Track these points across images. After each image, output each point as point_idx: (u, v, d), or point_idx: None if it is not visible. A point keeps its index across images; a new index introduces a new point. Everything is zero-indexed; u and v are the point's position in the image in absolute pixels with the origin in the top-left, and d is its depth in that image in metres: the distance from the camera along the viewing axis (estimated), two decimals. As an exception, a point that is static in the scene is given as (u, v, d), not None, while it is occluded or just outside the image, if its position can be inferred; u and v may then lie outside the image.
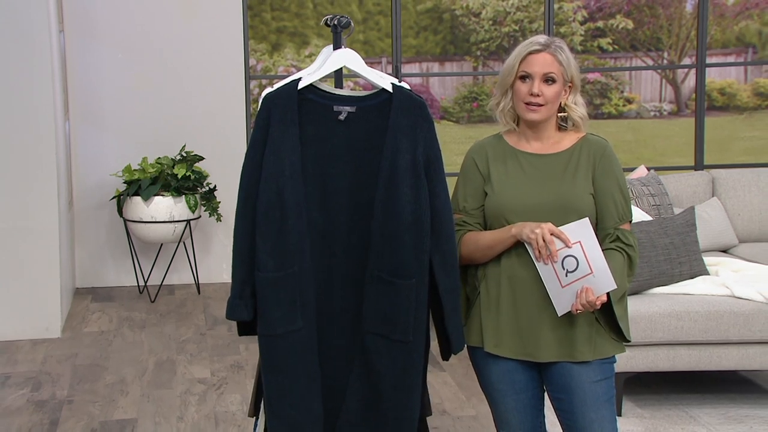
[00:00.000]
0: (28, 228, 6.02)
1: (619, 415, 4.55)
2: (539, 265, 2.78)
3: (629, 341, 2.90)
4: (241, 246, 2.80)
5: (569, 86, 2.88)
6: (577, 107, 2.90)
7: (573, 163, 2.87)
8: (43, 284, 6.06)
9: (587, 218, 2.76)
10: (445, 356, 2.92)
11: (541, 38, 2.87)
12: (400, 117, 2.78)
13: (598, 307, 2.75)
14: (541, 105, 2.84)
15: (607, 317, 2.86)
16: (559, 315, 2.80)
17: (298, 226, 2.76)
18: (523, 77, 2.85)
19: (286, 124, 2.77)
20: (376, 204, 2.76)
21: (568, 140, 2.92)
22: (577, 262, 2.74)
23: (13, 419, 4.72)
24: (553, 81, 2.84)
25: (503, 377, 2.92)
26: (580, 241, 2.74)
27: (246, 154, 2.82)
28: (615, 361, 2.93)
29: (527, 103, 2.85)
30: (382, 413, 2.81)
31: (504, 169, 2.91)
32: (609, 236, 2.86)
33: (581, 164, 2.87)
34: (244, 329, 2.90)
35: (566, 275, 2.76)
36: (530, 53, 2.84)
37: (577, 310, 2.74)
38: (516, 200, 2.86)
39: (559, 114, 2.90)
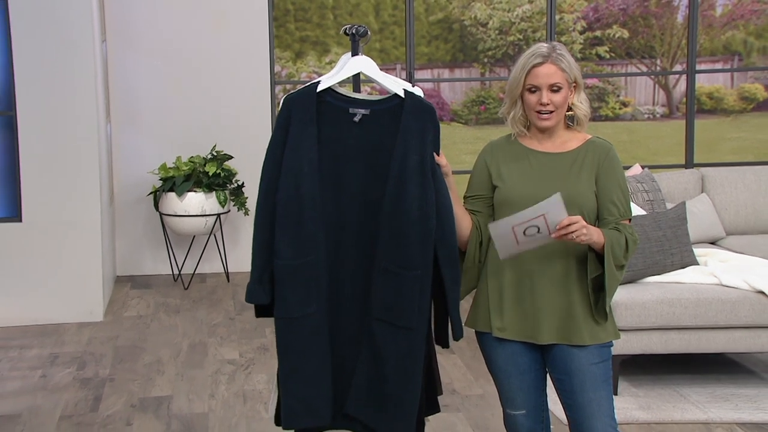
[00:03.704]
0: (73, 221, 6.04)
1: (616, 394, 4.53)
2: (493, 227, 2.72)
3: (606, 317, 2.83)
4: (261, 236, 2.78)
5: (574, 86, 2.85)
6: (582, 105, 2.87)
7: (578, 163, 2.84)
8: (87, 272, 6.09)
9: (558, 194, 2.67)
10: (445, 343, 2.90)
11: (543, 48, 2.82)
12: (411, 120, 2.76)
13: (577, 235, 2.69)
14: (552, 111, 2.81)
15: (596, 294, 2.83)
16: (500, 257, 2.76)
17: (313, 219, 2.75)
18: (531, 89, 2.82)
19: (305, 123, 2.76)
20: (385, 201, 2.75)
21: (575, 141, 2.88)
22: (538, 229, 2.69)
23: (62, 395, 4.74)
24: (560, 88, 2.80)
25: (509, 360, 2.90)
26: (544, 215, 2.66)
27: (267, 151, 2.80)
28: (612, 345, 2.90)
29: (538, 112, 2.82)
30: (387, 393, 2.80)
31: (515, 165, 2.88)
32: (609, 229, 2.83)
33: (586, 164, 2.84)
34: (262, 312, 2.90)
35: (524, 235, 2.70)
36: (534, 66, 2.79)
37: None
38: (523, 193, 2.84)
39: (567, 113, 2.87)
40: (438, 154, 2.77)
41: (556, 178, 2.83)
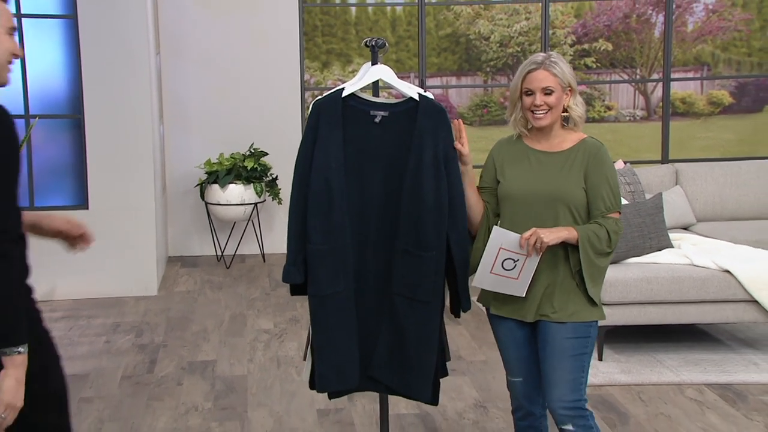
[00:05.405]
0: (132, 209, 6.06)
1: (601, 360, 4.51)
2: (488, 248, 2.69)
3: (596, 303, 2.75)
4: (295, 224, 2.76)
5: (569, 90, 2.78)
6: (577, 107, 2.79)
7: (570, 161, 2.77)
8: (143, 253, 6.11)
9: (495, 227, 2.68)
10: (457, 314, 2.88)
11: (539, 57, 2.76)
12: (425, 120, 2.73)
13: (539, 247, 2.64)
14: (546, 111, 2.75)
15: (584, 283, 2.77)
16: (473, 283, 2.75)
17: (341, 209, 2.73)
18: (527, 92, 2.77)
19: (332, 125, 2.73)
20: (404, 192, 2.72)
21: (570, 141, 2.80)
22: (514, 264, 2.67)
23: (122, 358, 4.76)
24: (552, 91, 2.74)
25: (507, 334, 2.86)
26: (500, 248, 2.64)
27: (299, 149, 2.77)
28: (595, 325, 2.78)
29: (532, 111, 2.76)
30: (407, 358, 2.79)
31: (516, 163, 2.82)
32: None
33: (576, 162, 2.76)
34: (296, 290, 2.87)
35: (500, 267, 2.68)
36: (528, 72, 2.74)
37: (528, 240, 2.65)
38: (520, 188, 2.79)
39: (562, 114, 2.79)
40: (452, 150, 2.73)
41: (548, 176, 2.76)
